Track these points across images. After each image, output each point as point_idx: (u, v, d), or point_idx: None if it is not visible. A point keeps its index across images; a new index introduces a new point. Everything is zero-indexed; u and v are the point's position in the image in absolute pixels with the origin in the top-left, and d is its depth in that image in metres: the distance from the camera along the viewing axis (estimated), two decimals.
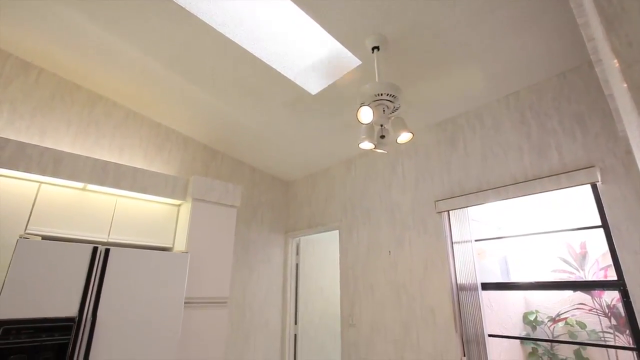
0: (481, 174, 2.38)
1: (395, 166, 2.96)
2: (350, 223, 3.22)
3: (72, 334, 1.80)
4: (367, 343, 2.77)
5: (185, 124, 3.18)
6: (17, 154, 2.07)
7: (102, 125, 2.85)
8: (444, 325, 2.33)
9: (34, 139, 2.51)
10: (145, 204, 2.59)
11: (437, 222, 2.54)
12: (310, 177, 3.89)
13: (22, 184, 2.16)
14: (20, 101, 2.52)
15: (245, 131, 3.17)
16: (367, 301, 2.86)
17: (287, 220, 3.99)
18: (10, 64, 2.53)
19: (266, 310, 3.52)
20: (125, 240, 2.43)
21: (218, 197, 2.67)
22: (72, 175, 2.21)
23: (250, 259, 3.53)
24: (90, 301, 1.89)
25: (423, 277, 2.52)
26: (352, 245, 3.14)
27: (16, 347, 1.66)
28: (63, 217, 2.23)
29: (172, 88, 2.67)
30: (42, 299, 1.76)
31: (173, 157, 3.22)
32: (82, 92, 2.81)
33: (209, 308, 2.42)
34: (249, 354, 3.29)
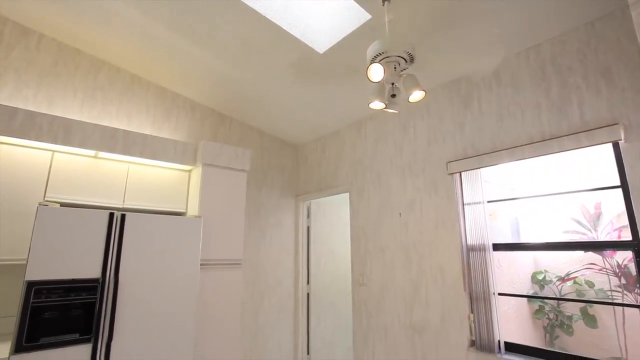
0: (496, 134, 2.30)
1: (407, 127, 2.89)
2: (361, 185, 3.22)
3: (98, 293, 1.91)
4: (377, 301, 2.88)
5: (192, 88, 3.11)
6: (27, 122, 2.08)
7: (107, 91, 2.82)
8: (452, 284, 2.38)
9: (43, 107, 2.51)
10: (157, 170, 2.62)
11: (449, 183, 2.51)
12: (320, 140, 3.84)
13: (37, 152, 2.19)
14: (24, 69, 2.49)
15: (252, 94, 3.09)
16: (377, 261, 2.93)
17: (298, 184, 4.02)
18: (9, 30, 2.47)
19: (279, 271, 3.66)
20: (139, 206, 2.49)
21: (227, 162, 2.67)
22: (82, 143, 2.23)
23: (262, 222, 3.61)
24: (112, 264, 1.98)
25: (433, 238, 2.54)
26: (363, 208, 3.16)
27: (49, 305, 1.78)
28: (78, 185, 2.29)
29: (175, 50, 2.58)
30: (67, 262, 1.85)
31: (181, 122, 3.20)
32: (85, 58, 2.76)
33: (224, 269, 2.52)
34: (264, 311, 3.46)
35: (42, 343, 1.73)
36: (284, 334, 3.57)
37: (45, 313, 1.76)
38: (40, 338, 1.73)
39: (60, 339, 1.78)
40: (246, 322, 3.30)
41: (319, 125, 3.59)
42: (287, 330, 3.60)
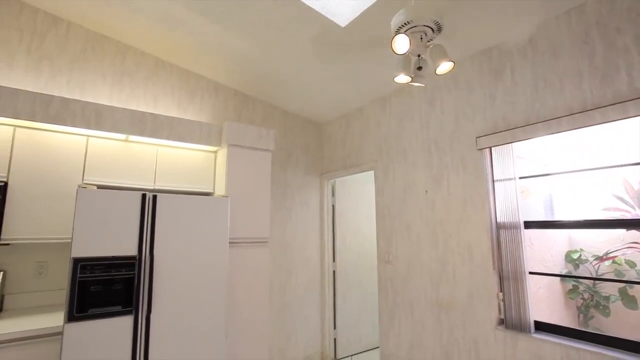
0: (530, 106, 2.16)
1: (433, 102, 2.77)
2: (386, 163, 3.17)
3: (136, 269, 2.03)
4: (403, 278, 2.88)
5: (214, 69, 3.12)
6: (62, 109, 2.18)
7: (134, 75, 2.89)
8: (481, 262, 2.33)
9: (75, 93, 2.61)
10: (184, 152, 2.69)
11: (478, 159, 2.42)
12: (344, 118, 3.78)
13: (73, 137, 2.30)
14: (57, 56, 2.59)
15: (274, 73, 3.06)
16: (403, 239, 2.91)
17: (322, 163, 4.01)
18: (40, 19, 2.55)
19: (306, 249, 3.73)
20: (169, 187, 2.58)
21: (252, 142, 2.70)
22: (113, 127, 2.31)
23: (287, 201, 3.66)
24: (146, 242, 2.08)
25: (461, 216, 2.48)
26: (388, 185, 3.12)
27: (93, 279, 1.91)
28: (112, 167, 2.40)
29: (197, 32, 2.58)
30: (106, 241, 1.97)
31: (205, 104, 3.24)
32: (111, 43, 2.82)
33: (252, 247, 2.60)
34: (292, 288, 3.57)
35: (90, 314, 1.88)
36: (311, 310, 3.68)
37: (91, 287, 1.90)
38: (88, 309, 1.88)
39: (105, 310, 1.92)
40: (274, 297, 3.42)
41: (342, 103, 3.52)
42: (314, 306, 3.70)
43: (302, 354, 3.54)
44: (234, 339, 2.43)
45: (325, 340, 3.68)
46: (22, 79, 2.45)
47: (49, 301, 2.36)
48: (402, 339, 2.84)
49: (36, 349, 1.85)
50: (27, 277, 2.33)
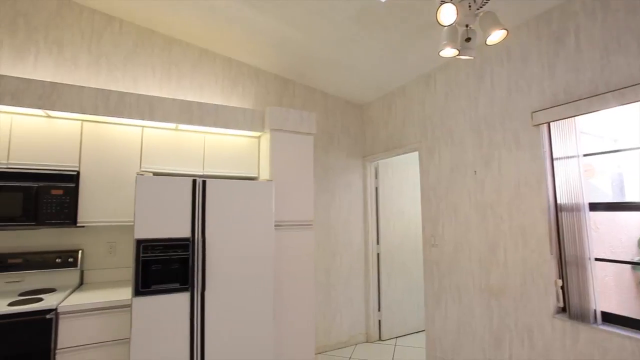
0: (598, 74, 1.92)
1: (483, 76, 2.58)
2: (431, 143, 3.04)
3: (190, 250, 2.18)
4: (450, 261, 2.80)
5: (255, 56, 3.16)
6: (120, 102, 2.35)
7: (181, 66, 3.02)
8: (536, 247, 2.18)
9: (129, 87, 2.80)
10: (229, 138, 2.79)
11: (534, 136, 2.22)
12: (386, 98, 3.67)
13: (130, 129, 2.48)
14: (112, 53, 2.78)
15: (313, 55, 3.03)
16: (450, 222, 2.81)
17: (364, 145, 3.95)
18: (97, 20, 2.74)
19: (349, 232, 3.75)
20: (217, 172, 2.71)
21: (294, 126, 2.72)
22: (164, 117, 2.46)
23: (331, 184, 3.68)
24: (198, 225, 2.22)
25: (514, 198, 2.32)
26: (434, 166, 3.00)
27: (154, 259, 2.09)
28: (165, 155, 2.56)
29: (237, 19, 2.61)
30: (163, 223, 2.13)
31: (247, 90, 3.31)
32: (159, 37, 2.96)
33: (297, 230, 2.66)
34: (336, 269, 3.63)
35: (153, 289, 2.07)
36: (356, 291, 3.72)
37: (152, 265, 2.08)
38: (151, 285, 2.07)
39: (165, 287, 2.10)
40: (319, 278, 3.51)
41: (383, 83, 3.41)
42: (358, 288, 3.74)
43: (347, 334, 3.62)
44: (281, 317, 2.54)
45: (369, 322, 3.72)
46: (85, 76, 2.68)
47: (118, 277, 2.64)
48: (449, 323, 2.78)
49: (111, 318, 2.09)
50: (100, 256, 2.61)
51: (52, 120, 2.28)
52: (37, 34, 2.56)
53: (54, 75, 2.59)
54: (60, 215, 2.21)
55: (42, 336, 1.92)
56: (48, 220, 2.18)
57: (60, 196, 2.22)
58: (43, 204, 2.17)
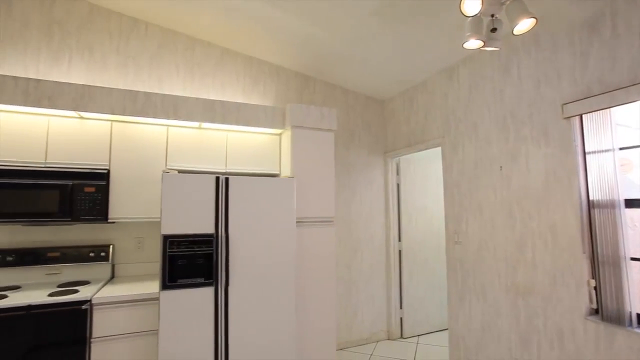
0: (638, 62, 1.81)
1: (509, 67, 2.48)
2: (454, 138, 2.96)
3: (214, 246, 2.23)
4: (474, 260, 2.73)
5: (275, 53, 3.19)
6: (146, 102, 2.43)
7: (203, 66, 3.09)
8: (567, 245, 2.09)
9: (155, 87, 2.89)
10: (251, 135, 2.83)
11: (564, 129, 2.12)
12: (407, 93, 3.60)
13: (156, 128, 2.56)
14: (139, 55, 2.88)
15: (333, 52, 3.02)
16: (474, 219, 2.74)
17: (385, 141, 3.91)
18: (124, 23, 2.85)
19: (371, 228, 3.73)
20: (239, 169, 2.76)
21: (314, 122, 2.72)
22: (188, 116, 2.52)
23: (352, 181, 3.66)
24: (221, 221, 2.27)
25: (542, 194, 2.23)
26: (457, 162, 2.92)
27: (180, 254, 2.16)
28: (189, 153, 2.63)
29: (257, 18, 2.63)
30: (188, 220, 2.19)
31: (268, 88, 3.34)
32: (182, 38, 3.03)
33: (318, 226, 2.68)
34: (357, 266, 3.62)
35: (179, 283, 2.14)
36: (377, 288, 3.70)
37: (178, 260, 2.15)
38: (177, 279, 2.14)
39: (191, 281, 2.17)
40: (341, 274, 3.51)
41: (405, 77, 3.35)
42: (379, 285, 3.72)
43: (368, 331, 3.61)
44: (302, 312, 2.57)
45: (391, 319, 3.70)
46: (114, 77, 2.79)
47: (146, 271, 2.75)
48: (473, 322, 2.72)
49: (141, 310, 2.18)
50: (129, 250, 2.72)
51: (84, 121, 2.39)
52: (70, 38, 2.69)
53: (86, 77, 2.71)
54: (93, 211, 2.32)
55: (78, 325, 2.03)
56: (82, 216, 2.30)
57: (93, 193, 2.33)
58: (77, 201, 2.29)
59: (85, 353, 2.04)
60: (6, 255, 2.33)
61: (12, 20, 2.56)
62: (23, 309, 1.94)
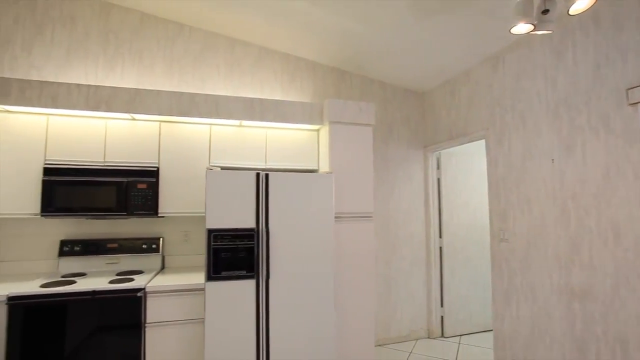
0: None
1: (562, 52, 2.29)
2: (500, 130, 2.80)
3: (255, 240, 2.31)
4: (522, 258, 2.58)
5: (312, 50, 3.20)
6: (190, 103, 2.56)
7: (242, 65, 3.18)
8: (632, 245, 1.90)
9: (198, 87, 3.03)
10: (290, 132, 2.88)
11: (629, 117, 1.93)
12: (448, 84, 3.46)
13: (200, 127, 2.69)
14: (184, 58, 3.03)
15: (371, 44, 2.97)
16: (522, 215, 2.58)
17: (425, 134, 3.79)
18: (170, 29, 3.01)
19: (410, 224, 3.65)
20: (278, 165, 2.82)
21: (352, 117, 2.71)
22: (229, 114, 2.62)
23: (390, 176, 3.61)
24: (262, 216, 2.34)
25: (602, 189, 2.05)
26: (503, 155, 2.77)
27: (223, 247, 2.26)
28: (230, 151, 2.74)
29: (294, 15, 2.66)
30: (231, 215, 2.29)
31: (305, 84, 3.37)
32: (222, 39, 3.14)
33: (356, 222, 2.67)
34: (396, 262, 3.57)
35: (222, 275, 2.24)
36: (417, 285, 3.63)
37: (222, 253, 2.26)
38: (221, 272, 2.24)
39: (234, 274, 2.26)
40: (379, 270, 3.48)
41: (445, 68, 3.22)
42: (419, 282, 3.64)
43: (408, 328, 3.55)
44: (341, 307, 2.58)
45: (431, 317, 3.61)
46: (161, 80, 2.96)
47: (192, 263, 2.91)
48: (521, 325, 2.57)
49: (188, 299, 2.31)
50: (177, 243, 2.89)
51: (136, 123, 2.57)
52: (123, 46, 2.89)
53: (137, 81, 2.90)
54: (145, 206, 2.50)
55: (134, 311, 2.21)
56: (135, 211, 2.48)
57: (145, 190, 2.50)
58: (131, 197, 2.47)
59: (141, 336, 2.21)
60: (74, 246, 2.59)
61: (76, 32, 2.80)
62: (89, 294, 2.14)
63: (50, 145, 2.41)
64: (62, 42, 2.77)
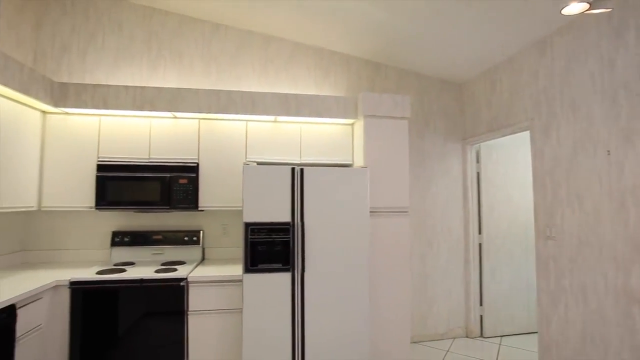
0: None
1: (623, 31, 2.09)
2: (547, 120, 2.62)
3: (290, 234, 2.35)
4: (572, 257, 2.41)
5: (346, 43, 3.17)
6: (227, 100, 2.64)
7: (276, 61, 3.23)
8: None
9: (234, 85, 3.12)
10: (324, 127, 2.89)
11: None
12: (488, 73, 3.29)
13: (236, 123, 2.77)
14: (221, 57, 3.12)
15: (405, 34, 2.89)
16: (571, 211, 2.41)
17: (464, 127, 3.64)
18: (207, 29, 3.11)
19: (447, 220, 3.54)
20: (313, 160, 2.84)
21: (387, 111, 2.66)
22: (265, 110, 2.67)
23: (427, 170, 3.51)
24: (297, 210, 2.37)
25: None
26: (550, 147, 2.59)
27: (260, 241, 2.32)
28: (266, 146, 2.79)
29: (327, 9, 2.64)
30: (267, 209, 2.34)
31: (339, 78, 3.35)
32: (256, 37, 3.20)
33: (392, 216, 2.63)
34: (433, 258, 3.48)
35: (259, 268, 2.31)
36: (454, 282, 3.52)
37: (259, 246, 2.32)
38: (258, 264, 2.31)
39: (270, 266, 2.32)
40: (415, 266, 3.42)
41: (485, 56, 3.05)
42: (457, 279, 3.53)
43: (445, 326, 3.46)
44: (375, 302, 2.56)
45: (470, 316, 3.49)
46: (200, 78, 3.08)
47: (231, 255, 3.01)
48: (571, 329, 2.41)
49: (227, 290, 2.40)
50: (216, 236, 3.01)
51: (177, 121, 2.70)
52: (164, 48, 3.03)
53: (177, 81, 3.04)
54: (186, 200, 2.62)
55: (177, 299, 2.33)
56: (178, 205, 2.61)
57: (186, 185, 2.62)
58: (174, 191, 2.60)
59: (184, 323, 2.34)
60: (124, 237, 2.78)
61: (123, 37, 2.98)
62: (137, 281, 2.29)
63: (102, 144, 2.59)
64: (111, 46, 2.96)
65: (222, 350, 2.36)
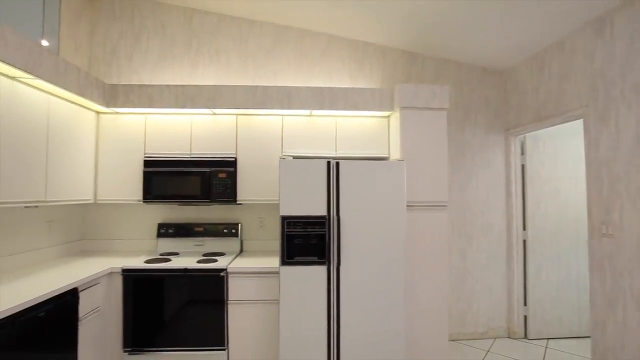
0: None
1: None
2: (604, 107, 2.41)
3: (326, 227, 2.36)
4: (632, 257, 2.21)
5: (381, 33, 3.10)
6: (263, 95, 2.68)
7: (310, 55, 3.23)
8: None
9: (270, 80, 3.16)
10: (359, 119, 2.86)
11: None
12: (535, 58, 3.07)
13: (272, 118, 2.82)
14: (257, 54, 3.18)
15: (442, 21, 2.76)
16: (632, 206, 2.21)
17: (507, 117, 3.45)
18: (243, 26, 3.19)
19: (488, 215, 3.39)
20: (348, 154, 2.82)
21: (425, 102, 2.58)
22: (300, 104, 2.68)
23: (467, 163, 3.38)
24: (333, 204, 2.37)
25: None
26: (607, 136, 2.38)
27: (296, 234, 2.35)
28: (301, 140, 2.81)
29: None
30: (303, 202, 2.36)
31: (374, 70, 3.29)
32: (292, 31, 3.22)
33: (429, 211, 2.56)
34: (472, 254, 3.35)
35: (295, 261, 2.34)
36: (495, 280, 3.37)
37: (295, 240, 2.35)
38: (294, 257, 2.34)
39: (306, 259, 2.34)
40: (453, 262, 3.31)
41: (531, 39, 2.85)
42: (499, 277, 3.37)
43: (485, 325, 3.33)
44: (412, 297, 2.52)
45: (512, 316, 3.33)
46: (237, 75, 3.16)
47: (268, 247, 3.09)
48: (629, 336, 2.22)
49: (264, 281, 2.47)
50: (253, 229, 3.10)
51: (216, 117, 2.79)
52: (203, 47, 3.14)
53: (215, 78, 3.13)
54: (225, 194, 2.71)
55: (218, 288, 2.43)
56: (217, 198, 2.71)
57: (225, 179, 2.71)
58: (213, 185, 2.71)
59: (224, 311, 2.43)
60: (168, 228, 2.94)
61: (165, 38, 3.13)
62: (181, 270, 2.42)
63: (148, 141, 2.75)
64: (155, 47, 3.11)
65: (260, 338, 2.44)
